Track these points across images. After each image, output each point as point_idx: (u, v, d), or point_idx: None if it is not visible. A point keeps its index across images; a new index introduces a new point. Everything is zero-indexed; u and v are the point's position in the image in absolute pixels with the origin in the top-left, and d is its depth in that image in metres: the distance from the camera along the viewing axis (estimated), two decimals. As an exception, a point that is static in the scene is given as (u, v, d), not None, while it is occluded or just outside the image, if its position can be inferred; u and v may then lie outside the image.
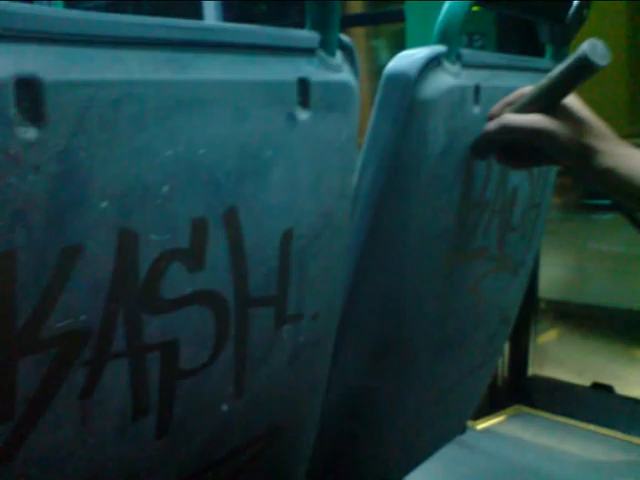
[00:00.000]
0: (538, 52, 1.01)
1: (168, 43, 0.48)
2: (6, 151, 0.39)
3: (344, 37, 0.64)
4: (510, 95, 0.74)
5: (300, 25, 0.62)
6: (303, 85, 0.58)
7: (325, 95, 0.61)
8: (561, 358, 2.13)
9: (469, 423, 1.77)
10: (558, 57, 0.96)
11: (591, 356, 2.13)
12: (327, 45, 0.62)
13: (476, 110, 0.78)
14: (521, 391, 2.02)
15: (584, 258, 2.45)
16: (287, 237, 0.61)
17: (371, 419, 0.93)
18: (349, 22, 2.16)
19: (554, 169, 1.05)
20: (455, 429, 1.24)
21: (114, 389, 0.50)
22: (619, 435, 1.79)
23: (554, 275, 2.26)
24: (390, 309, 0.85)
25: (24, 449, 0.46)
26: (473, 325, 1.00)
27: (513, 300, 1.12)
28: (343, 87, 0.63)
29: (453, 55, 0.74)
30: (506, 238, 0.96)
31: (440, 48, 0.74)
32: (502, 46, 1.85)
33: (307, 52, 0.60)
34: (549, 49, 0.98)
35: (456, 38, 0.74)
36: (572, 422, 1.87)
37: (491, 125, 0.72)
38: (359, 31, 2.64)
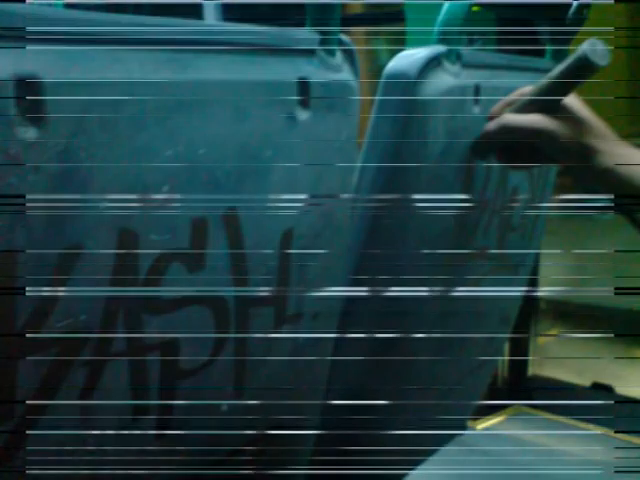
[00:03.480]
0: (538, 52, 1.01)
1: (168, 43, 0.48)
2: (6, 151, 0.39)
3: (344, 37, 0.64)
4: (510, 95, 0.73)
5: (300, 25, 0.62)
6: (303, 85, 0.58)
7: (325, 95, 0.61)
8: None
9: (469, 423, 1.77)
10: (558, 57, 0.96)
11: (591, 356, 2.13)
12: (327, 45, 0.62)
13: (476, 110, 0.78)
14: (521, 391, 2.02)
15: (584, 258, 2.45)
16: (287, 237, 0.61)
17: (371, 419, 0.93)
18: (349, 22, 2.16)
19: (554, 169, 1.05)
20: (455, 429, 1.23)
21: (114, 389, 0.50)
22: (619, 435, 1.79)
23: (554, 275, 2.25)
24: (390, 309, 0.84)
25: (24, 449, 0.46)
26: (473, 325, 1.00)
27: (513, 300, 1.12)
28: (343, 87, 0.63)
29: (453, 55, 0.74)
30: (506, 238, 0.96)
31: (440, 48, 0.73)
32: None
33: (307, 52, 0.60)
34: (549, 49, 0.98)
35: (456, 38, 0.74)
36: (572, 422, 1.87)
37: (491, 125, 0.72)
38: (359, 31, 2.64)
